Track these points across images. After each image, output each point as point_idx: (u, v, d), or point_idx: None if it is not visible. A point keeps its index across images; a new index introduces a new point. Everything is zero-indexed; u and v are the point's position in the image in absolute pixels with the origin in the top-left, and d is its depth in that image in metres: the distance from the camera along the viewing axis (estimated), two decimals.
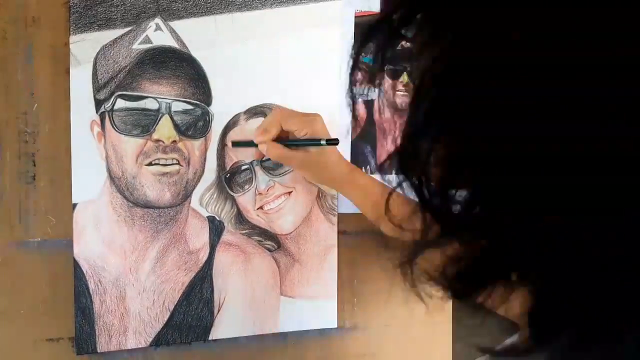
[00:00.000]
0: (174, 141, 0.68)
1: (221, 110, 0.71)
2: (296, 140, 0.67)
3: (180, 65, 0.68)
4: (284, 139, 0.67)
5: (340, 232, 0.78)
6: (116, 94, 0.66)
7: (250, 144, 0.69)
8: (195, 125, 0.69)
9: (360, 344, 0.81)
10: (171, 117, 0.68)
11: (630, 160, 0.21)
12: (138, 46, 0.67)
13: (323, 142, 0.65)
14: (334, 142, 0.66)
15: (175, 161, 0.69)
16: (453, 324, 0.86)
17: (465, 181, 0.26)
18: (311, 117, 0.67)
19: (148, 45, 0.67)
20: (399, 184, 0.30)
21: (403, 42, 0.95)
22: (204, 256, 0.71)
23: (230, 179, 0.72)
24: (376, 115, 0.78)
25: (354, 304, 0.80)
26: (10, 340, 0.66)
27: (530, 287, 0.25)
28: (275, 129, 0.66)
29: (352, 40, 0.75)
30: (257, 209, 0.73)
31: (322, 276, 0.77)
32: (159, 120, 0.68)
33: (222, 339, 0.73)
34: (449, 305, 0.85)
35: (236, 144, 0.71)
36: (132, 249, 0.68)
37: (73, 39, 0.65)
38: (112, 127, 0.67)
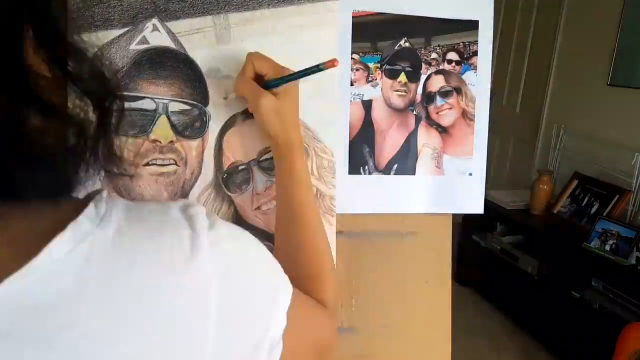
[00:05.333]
0: (171, 141, 0.68)
1: (218, 111, 0.71)
2: (291, 74, 0.63)
3: (177, 66, 0.68)
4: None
5: (338, 233, 0.78)
6: None
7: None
8: (192, 126, 0.69)
9: (359, 345, 0.80)
10: (168, 118, 0.68)
11: None
12: (135, 47, 0.67)
13: (321, 65, 0.62)
14: (332, 64, 0.62)
15: (172, 161, 0.69)
16: (453, 324, 0.86)
17: None
18: (285, 68, 0.65)
19: (145, 46, 0.67)
20: None
21: (402, 42, 0.95)
22: None
23: (227, 179, 0.72)
24: (374, 115, 0.78)
25: (353, 305, 0.80)
26: None
27: None
28: (249, 70, 0.64)
29: (350, 40, 0.75)
30: (255, 209, 0.73)
31: None
32: (156, 121, 0.68)
33: None
34: (448, 305, 0.85)
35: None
36: None
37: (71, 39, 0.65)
38: None
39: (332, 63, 0.61)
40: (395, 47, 0.77)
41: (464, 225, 3.10)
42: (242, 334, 0.38)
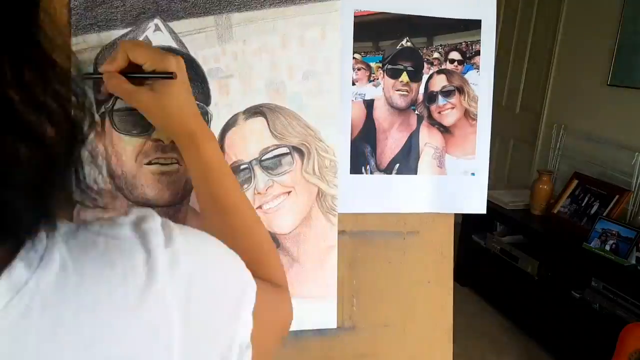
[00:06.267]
0: (173, 141, 0.68)
1: (220, 110, 0.71)
2: (134, 72, 0.59)
3: None
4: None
5: (340, 232, 0.78)
6: None
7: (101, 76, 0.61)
8: None
9: (360, 344, 0.81)
10: None
11: None
12: None
13: (174, 75, 0.57)
14: (168, 75, 0.57)
15: (174, 160, 0.69)
16: (453, 324, 0.86)
17: None
18: (166, 54, 0.58)
19: None
20: None
21: (404, 42, 0.95)
22: None
23: None
24: (376, 115, 0.78)
25: (354, 304, 0.80)
26: None
27: None
28: (121, 60, 0.58)
29: (352, 40, 0.75)
30: (256, 208, 0.73)
31: (322, 276, 0.77)
32: None
33: None
34: (449, 305, 0.85)
35: (87, 75, 0.64)
36: None
37: (74, 40, 0.65)
38: (112, 127, 0.67)
39: (168, 75, 0.57)
40: (397, 47, 0.77)
41: (464, 225, 3.10)
42: (208, 348, 0.36)
